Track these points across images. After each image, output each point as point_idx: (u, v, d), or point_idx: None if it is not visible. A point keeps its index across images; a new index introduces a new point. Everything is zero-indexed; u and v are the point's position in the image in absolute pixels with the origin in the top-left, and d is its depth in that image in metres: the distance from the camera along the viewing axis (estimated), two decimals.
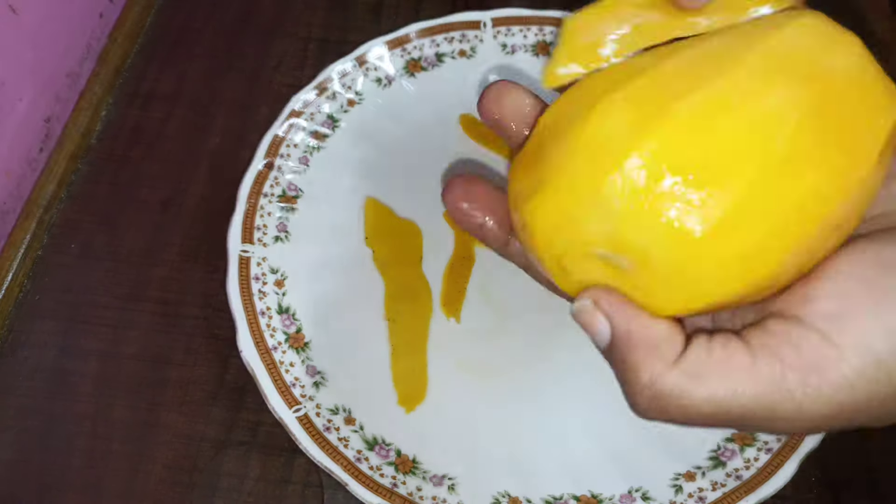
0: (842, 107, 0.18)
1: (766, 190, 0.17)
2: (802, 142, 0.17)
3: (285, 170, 0.39)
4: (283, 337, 0.35)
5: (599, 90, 0.19)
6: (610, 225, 0.18)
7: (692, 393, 0.18)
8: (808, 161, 0.18)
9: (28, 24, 0.41)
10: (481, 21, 0.43)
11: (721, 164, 0.17)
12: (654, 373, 0.18)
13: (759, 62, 0.18)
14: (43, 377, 0.36)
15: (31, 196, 0.40)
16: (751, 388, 0.18)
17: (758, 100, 0.18)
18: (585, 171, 0.18)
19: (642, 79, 0.18)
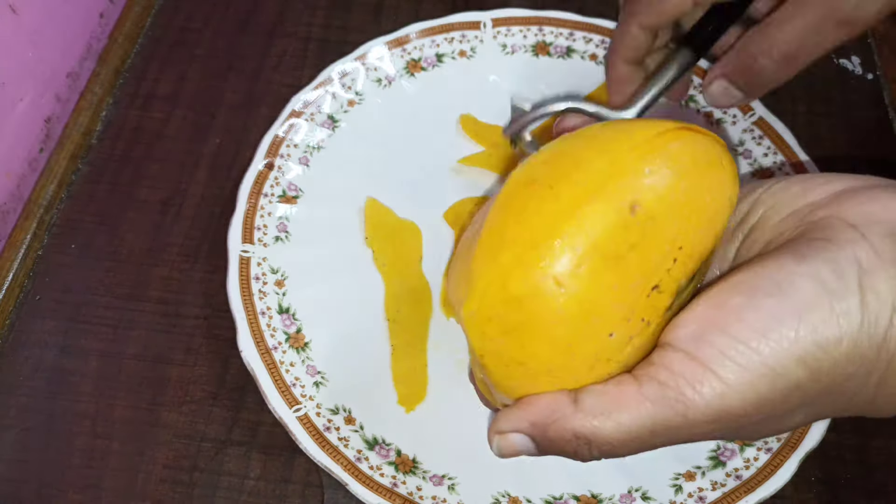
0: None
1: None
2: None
3: (285, 170, 0.39)
4: (283, 337, 0.35)
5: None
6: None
7: (605, 428, 0.21)
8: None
9: (28, 24, 0.41)
10: (481, 21, 0.43)
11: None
12: (569, 426, 0.22)
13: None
14: (43, 377, 0.36)
15: (31, 196, 0.40)
16: (644, 409, 0.21)
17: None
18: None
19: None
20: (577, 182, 0.21)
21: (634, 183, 0.21)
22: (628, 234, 0.21)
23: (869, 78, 0.45)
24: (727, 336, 0.20)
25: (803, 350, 0.20)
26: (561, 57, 0.43)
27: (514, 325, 0.21)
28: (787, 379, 0.20)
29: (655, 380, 0.21)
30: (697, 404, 0.20)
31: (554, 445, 0.22)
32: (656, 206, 0.21)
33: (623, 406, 0.21)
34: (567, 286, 0.20)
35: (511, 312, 0.21)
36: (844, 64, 0.46)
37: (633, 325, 0.22)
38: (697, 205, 0.22)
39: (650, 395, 0.21)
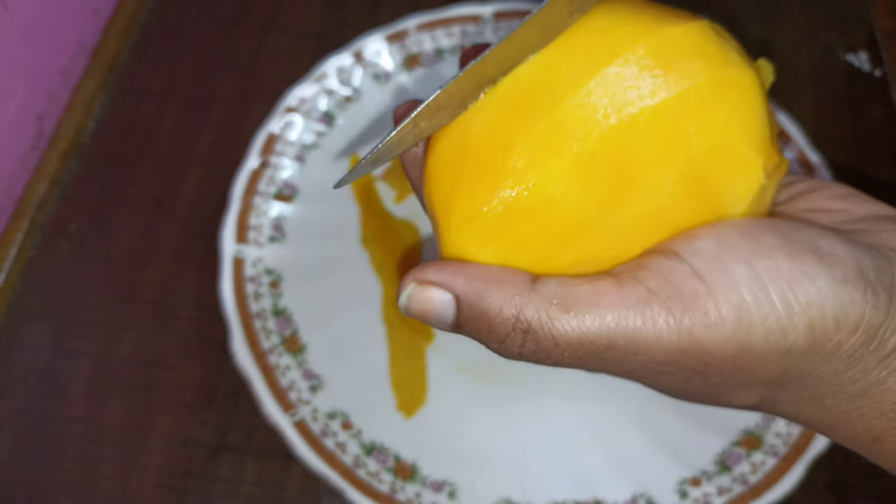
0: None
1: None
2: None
3: (280, 168, 0.38)
4: (278, 340, 0.34)
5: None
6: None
7: (558, 321, 0.18)
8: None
9: (20, 20, 0.40)
10: (481, 15, 0.42)
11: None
12: (517, 304, 0.18)
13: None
14: (35, 379, 0.35)
15: (23, 195, 0.40)
16: (614, 313, 0.18)
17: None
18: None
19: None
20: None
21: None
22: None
23: (877, 74, 0.45)
24: (748, 267, 0.18)
25: (820, 318, 0.18)
26: None
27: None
28: (785, 340, 0.18)
29: (643, 284, 0.18)
30: (679, 327, 0.17)
31: (481, 321, 0.18)
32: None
33: (592, 302, 0.18)
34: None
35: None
36: (852, 60, 0.45)
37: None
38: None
39: (630, 298, 0.18)
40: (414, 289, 0.19)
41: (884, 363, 0.18)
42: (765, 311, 0.17)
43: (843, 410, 0.19)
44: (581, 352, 0.18)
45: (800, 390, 0.19)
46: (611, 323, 0.18)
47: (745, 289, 0.18)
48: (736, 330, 0.17)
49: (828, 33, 0.46)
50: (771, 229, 0.19)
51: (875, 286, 0.18)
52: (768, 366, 0.18)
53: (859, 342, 0.18)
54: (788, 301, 0.17)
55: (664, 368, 0.18)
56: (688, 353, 0.18)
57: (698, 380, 0.18)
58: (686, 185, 0.18)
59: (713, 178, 0.19)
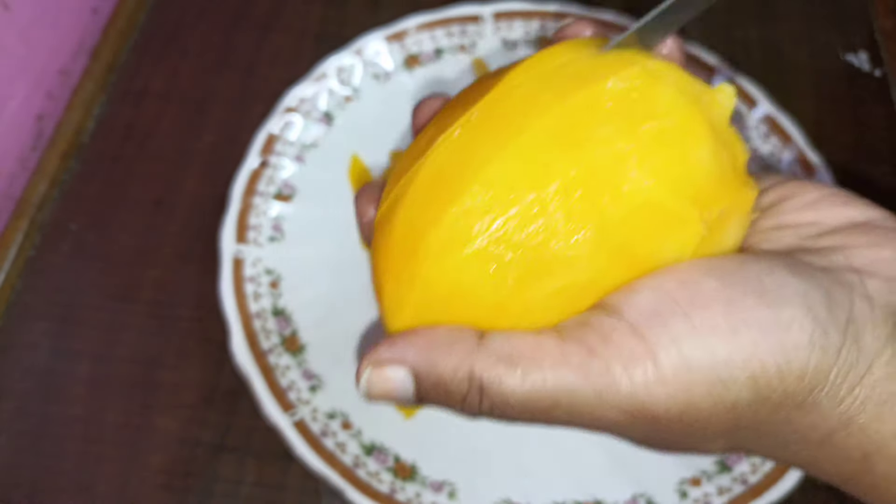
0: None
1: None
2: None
3: (280, 168, 0.38)
4: (278, 340, 0.34)
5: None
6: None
7: (507, 380, 0.18)
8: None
9: (20, 20, 0.40)
10: (482, 15, 0.42)
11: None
12: (468, 363, 0.18)
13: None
14: (35, 379, 0.35)
15: (23, 195, 0.40)
16: (558, 373, 0.18)
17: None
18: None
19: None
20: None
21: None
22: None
23: (877, 74, 0.45)
24: (687, 322, 0.17)
25: (761, 369, 0.17)
26: None
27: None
28: (728, 394, 0.17)
29: (584, 344, 0.18)
30: (619, 388, 0.17)
31: (439, 387, 0.18)
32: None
33: (536, 361, 0.18)
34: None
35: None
36: (852, 60, 0.45)
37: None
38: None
39: (572, 358, 0.18)
40: (371, 373, 0.19)
41: (841, 408, 0.17)
42: (705, 368, 0.17)
43: (811, 455, 0.18)
44: (531, 409, 0.18)
45: (760, 438, 0.18)
46: (552, 382, 0.18)
47: (684, 345, 0.17)
48: (677, 388, 0.17)
49: (828, 33, 0.46)
50: (712, 273, 0.18)
51: (825, 325, 0.17)
52: (717, 420, 0.18)
53: (807, 389, 0.17)
54: (728, 353, 0.17)
55: (616, 427, 0.18)
56: (632, 414, 0.18)
57: (655, 435, 0.18)
58: (609, 255, 0.18)
59: (641, 242, 0.18)
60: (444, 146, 0.19)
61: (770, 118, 0.40)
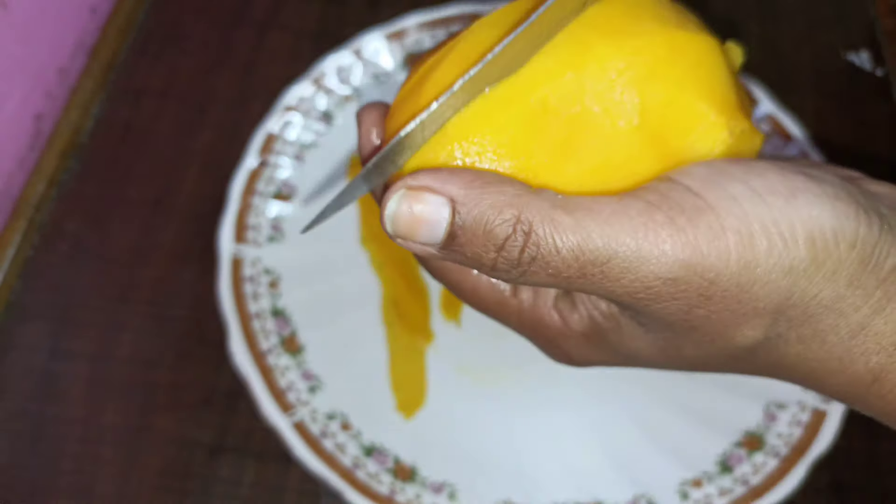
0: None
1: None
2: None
3: (279, 167, 0.38)
4: (276, 340, 0.34)
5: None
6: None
7: (562, 223, 0.17)
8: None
9: (18, 19, 0.40)
10: (481, 13, 0.42)
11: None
12: (518, 203, 0.17)
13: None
14: (33, 380, 0.35)
15: (21, 195, 0.40)
16: (617, 219, 0.17)
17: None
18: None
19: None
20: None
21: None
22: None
23: (878, 74, 0.45)
24: (745, 185, 0.17)
25: (819, 230, 0.17)
26: None
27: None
28: (788, 253, 0.17)
29: (643, 199, 0.17)
30: (683, 237, 0.17)
31: (478, 225, 0.17)
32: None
33: (594, 210, 0.17)
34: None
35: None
36: (853, 60, 0.45)
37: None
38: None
39: (632, 208, 0.17)
40: (403, 195, 0.17)
41: (882, 287, 0.18)
42: (766, 223, 0.17)
43: (845, 348, 0.18)
44: (581, 261, 0.17)
45: (803, 325, 0.18)
46: (613, 230, 0.17)
47: (745, 202, 0.17)
48: (739, 243, 0.17)
49: (829, 33, 0.46)
50: (759, 159, 0.19)
51: (865, 207, 0.18)
52: (773, 286, 0.17)
53: (857, 260, 0.17)
54: (787, 213, 0.17)
55: (666, 289, 0.17)
56: (692, 268, 0.17)
57: (701, 308, 0.17)
58: (643, 138, 0.18)
59: (672, 133, 0.18)
60: (473, 34, 0.19)
61: (771, 117, 0.40)
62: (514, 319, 0.21)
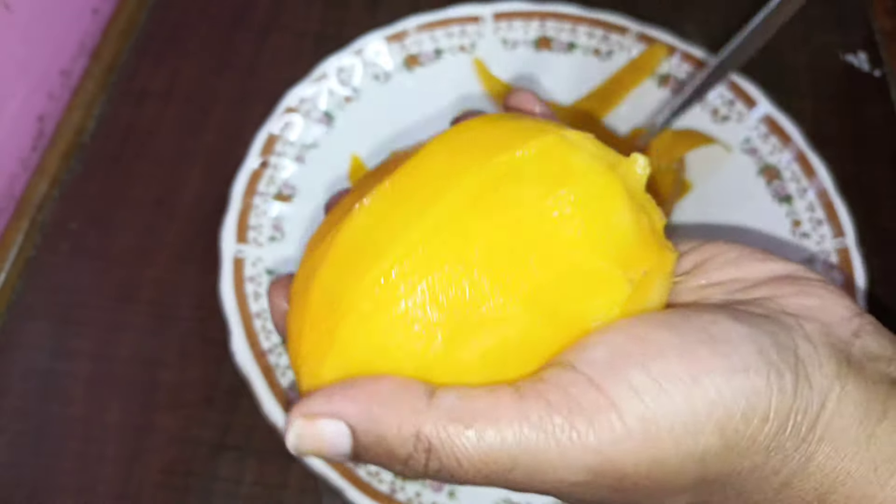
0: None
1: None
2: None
3: (280, 168, 0.38)
4: (278, 339, 0.34)
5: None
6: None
7: (460, 439, 0.16)
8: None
9: (21, 21, 0.40)
10: (482, 15, 0.43)
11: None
12: (415, 422, 0.17)
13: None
14: (35, 379, 0.35)
15: (23, 195, 0.40)
16: (516, 429, 0.16)
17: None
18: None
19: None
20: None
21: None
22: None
23: (876, 75, 0.45)
24: (645, 373, 0.17)
25: (727, 416, 0.17)
26: (563, 52, 0.43)
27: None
28: (696, 445, 0.17)
29: (544, 398, 0.17)
30: (585, 443, 0.16)
31: (380, 446, 0.17)
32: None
33: (493, 419, 0.17)
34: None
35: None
36: (851, 60, 0.45)
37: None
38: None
39: (531, 414, 0.17)
40: (301, 426, 0.17)
41: (801, 448, 0.17)
42: (670, 419, 0.17)
43: (783, 498, 0.18)
44: (485, 471, 0.17)
45: (724, 490, 0.18)
46: (512, 440, 0.16)
47: (646, 397, 0.17)
48: (644, 442, 0.16)
49: (827, 33, 0.46)
50: (660, 325, 0.18)
51: (778, 366, 0.17)
52: (685, 474, 0.17)
53: (773, 431, 0.17)
54: (691, 402, 0.17)
55: (577, 489, 0.17)
56: (598, 472, 0.17)
57: (618, 497, 0.17)
58: (537, 315, 0.18)
59: (569, 303, 0.18)
60: (360, 214, 0.18)
61: (769, 118, 0.40)
62: None
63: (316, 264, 0.19)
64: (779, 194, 0.39)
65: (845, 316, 0.19)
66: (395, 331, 0.17)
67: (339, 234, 0.19)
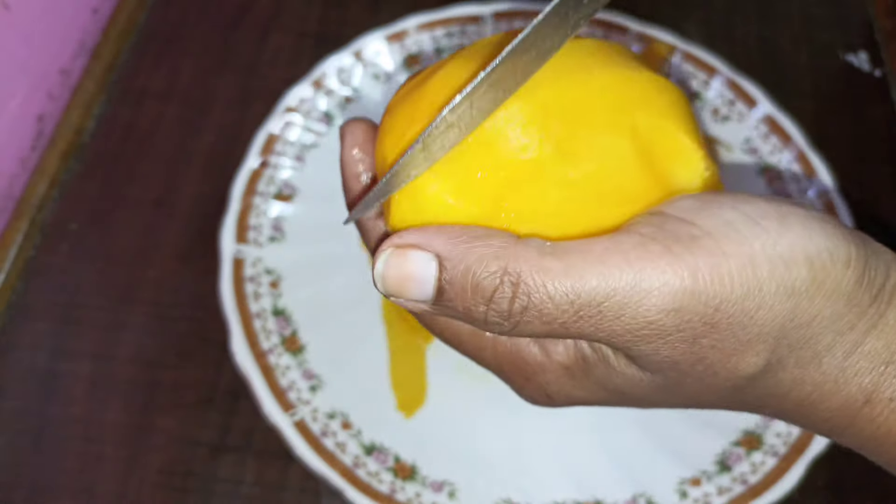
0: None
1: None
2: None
3: (280, 168, 0.38)
4: (278, 340, 0.34)
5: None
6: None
7: (552, 269, 0.16)
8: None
9: (20, 21, 0.40)
10: (482, 15, 0.42)
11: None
12: (505, 255, 0.16)
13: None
14: (35, 380, 0.35)
15: (23, 195, 0.40)
16: (611, 256, 0.16)
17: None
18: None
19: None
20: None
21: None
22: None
23: (876, 75, 0.45)
24: (737, 211, 0.17)
25: (816, 251, 0.17)
26: None
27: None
28: (789, 275, 0.17)
29: (636, 233, 0.17)
30: (685, 265, 0.16)
31: (465, 280, 0.16)
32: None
33: (584, 252, 0.16)
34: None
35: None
36: (852, 60, 0.45)
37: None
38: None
39: (625, 243, 0.17)
40: (391, 254, 0.17)
41: (874, 304, 0.18)
42: (764, 246, 0.17)
43: (840, 368, 0.18)
44: (577, 304, 0.16)
45: (802, 348, 0.18)
46: (608, 268, 0.16)
47: (741, 227, 0.17)
48: (741, 267, 0.17)
49: (827, 33, 0.46)
50: (739, 191, 0.19)
51: (849, 230, 0.18)
52: (777, 309, 0.17)
53: (854, 277, 0.17)
54: (784, 235, 0.17)
55: (670, 321, 0.16)
56: (696, 295, 0.16)
57: (706, 338, 0.17)
58: (635, 152, 0.19)
59: (660, 153, 0.19)
60: (468, 50, 0.20)
61: (770, 118, 0.40)
62: (489, 353, 0.21)
63: (428, 74, 0.19)
64: (779, 194, 0.38)
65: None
66: (518, 120, 0.18)
67: (459, 53, 0.19)
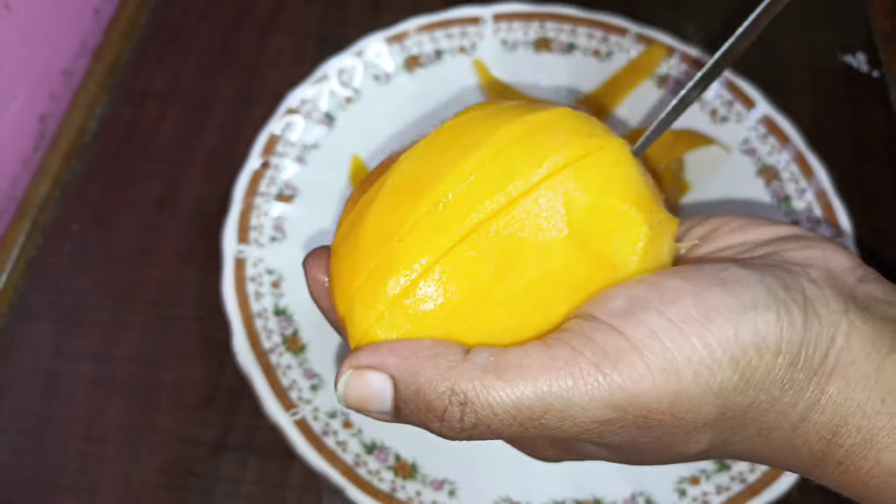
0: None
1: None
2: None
3: (281, 168, 0.38)
4: (279, 339, 0.34)
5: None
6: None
7: (493, 390, 0.18)
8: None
9: (22, 21, 0.40)
10: (482, 17, 0.43)
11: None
12: (450, 376, 0.18)
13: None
14: (37, 380, 0.35)
15: (25, 196, 0.40)
16: (547, 376, 0.18)
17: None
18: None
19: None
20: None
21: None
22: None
23: (875, 75, 0.45)
24: (662, 317, 0.18)
25: (741, 349, 0.18)
26: (562, 53, 0.43)
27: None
28: (714, 379, 0.18)
29: (569, 346, 0.18)
30: (611, 383, 0.17)
31: (418, 400, 0.18)
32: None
33: (523, 366, 0.18)
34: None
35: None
36: (850, 61, 0.45)
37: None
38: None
39: (559, 359, 0.18)
40: (350, 376, 0.19)
41: (814, 381, 0.18)
42: (687, 354, 0.18)
43: (788, 440, 0.19)
44: (520, 419, 0.18)
45: (746, 428, 0.19)
46: (543, 386, 0.18)
47: (664, 336, 0.18)
48: (665, 378, 0.18)
49: (826, 34, 0.46)
50: (674, 275, 0.19)
51: (786, 303, 0.18)
52: (705, 408, 0.18)
53: (786, 364, 0.18)
54: (706, 339, 0.18)
55: (606, 429, 0.18)
56: (623, 409, 0.18)
57: (644, 436, 0.19)
58: (573, 248, 0.19)
59: (598, 237, 0.20)
60: (405, 162, 0.20)
61: (768, 119, 0.40)
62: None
63: (362, 209, 0.20)
64: (777, 195, 0.39)
65: (848, 266, 0.20)
66: (451, 256, 0.19)
67: (387, 179, 0.20)
